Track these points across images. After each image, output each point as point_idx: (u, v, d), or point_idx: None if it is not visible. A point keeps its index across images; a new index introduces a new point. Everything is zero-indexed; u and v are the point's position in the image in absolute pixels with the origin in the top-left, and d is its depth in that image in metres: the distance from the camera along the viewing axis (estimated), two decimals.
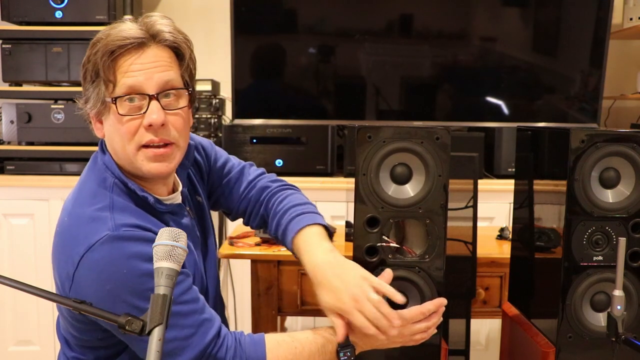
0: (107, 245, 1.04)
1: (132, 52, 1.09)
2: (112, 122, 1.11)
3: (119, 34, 1.08)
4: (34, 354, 2.58)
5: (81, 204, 1.11)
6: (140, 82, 1.09)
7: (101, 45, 1.08)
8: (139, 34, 1.09)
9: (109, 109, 1.11)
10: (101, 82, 1.09)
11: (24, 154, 2.58)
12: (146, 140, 1.10)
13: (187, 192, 1.29)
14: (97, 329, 1.12)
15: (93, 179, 1.15)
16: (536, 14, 2.74)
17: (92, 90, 1.11)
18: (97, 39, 1.10)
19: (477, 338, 2.58)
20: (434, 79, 2.74)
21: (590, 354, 1.26)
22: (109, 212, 1.08)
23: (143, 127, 1.10)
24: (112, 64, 1.08)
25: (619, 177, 1.24)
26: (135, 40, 1.08)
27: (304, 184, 2.52)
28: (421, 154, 1.21)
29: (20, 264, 2.54)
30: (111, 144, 1.15)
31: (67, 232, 1.10)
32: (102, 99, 1.10)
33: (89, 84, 1.12)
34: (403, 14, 2.70)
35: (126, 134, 1.10)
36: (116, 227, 1.05)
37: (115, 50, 1.07)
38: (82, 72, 1.13)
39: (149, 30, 1.11)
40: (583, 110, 2.72)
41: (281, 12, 2.70)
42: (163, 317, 0.86)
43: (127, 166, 1.15)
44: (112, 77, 1.09)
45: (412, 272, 1.24)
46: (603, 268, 1.25)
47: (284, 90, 2.75)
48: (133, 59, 1.09)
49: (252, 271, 1.77)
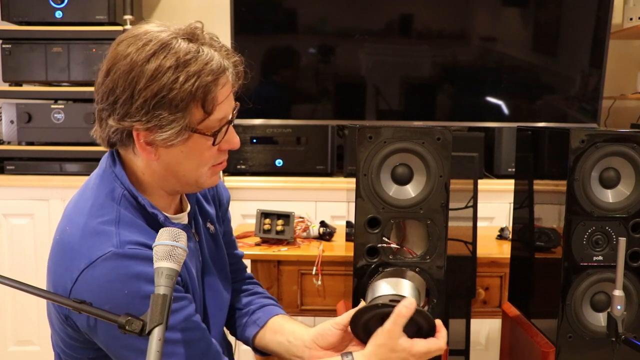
0: (110, 262, 0.98)
1: (225, 79, 1.06)
2: (192, 149, 1.06)
3: (213, 64, 1.03)
4: (34, 354, 2.58)
5: (86, 214, 1.05)
6: (229, 111, 1.08)
7: (194, 75, 1.00)
8: (222, 62, 1.05)
9: (188, 137, 1.04)
10: (190, 112, 1.02)
11: (24, 154, 2.58)
12: (223, 159, 1.12)
13: (196, 215, 1.25)
14: (89, 348, 1.08)
15: (101, 188, 1.09)
16: (536, 14, 2.74)
17: (173, 119, 1.01)
18: (181, 64, 1.00)
19: (477, 338, 2.58)
20: (434, 79, 2.74)
21: (590, 354, 1.26)
22: (115, 226, 1.03)
23: (221, 150, 1.10)
24: (214, 95, 1.03)
25: (619, 177, 1.24)
26: (225, 69, 1.06)
27: (304, 184, 2.55)
28: (422, 154, 1.21)
29: (20, 264, 2.53)
30: (173, 167, 1.08)
31: (67, 243, 1.04)
32: (192, 129, 1.03)
33: (165, 112, 1.00)
34: (403, 14, 2.70)
35: (208, 159, 1.09)
36: (121, 244, 1.00)
37: (217, 80, 1.03)
38: (154, 98, 0.99)
39: (219, 51, 1.07)
40: (583, 110, 2.72)
41: (281, 12, 2.70)
42: (163, 317, 0.86)
43: (176, 185, 1.11)
44: (210, 109, 1.03)
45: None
46: (603, 268, 1.25)
47: (284, 90, 2.75)
48: (227, 87, 1.07)
49: (252, 271, 1.77)
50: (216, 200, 1.35)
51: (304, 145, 2.58)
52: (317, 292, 1.75)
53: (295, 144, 2.58)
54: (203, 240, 1.25)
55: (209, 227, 1.29)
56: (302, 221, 1.88)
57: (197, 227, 1.24)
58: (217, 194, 1.36)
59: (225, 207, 1.39)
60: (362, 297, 1.24)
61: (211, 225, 1.29)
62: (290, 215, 1.78)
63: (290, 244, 1.79)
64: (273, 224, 1.79)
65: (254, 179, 2.55)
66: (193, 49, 1.02)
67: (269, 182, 2.53)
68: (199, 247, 1.23)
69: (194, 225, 1.23)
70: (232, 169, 2.55)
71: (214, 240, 1.29)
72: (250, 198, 2.50)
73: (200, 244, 1.24)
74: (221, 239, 1.32)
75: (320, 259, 1.70)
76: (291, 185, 2.52)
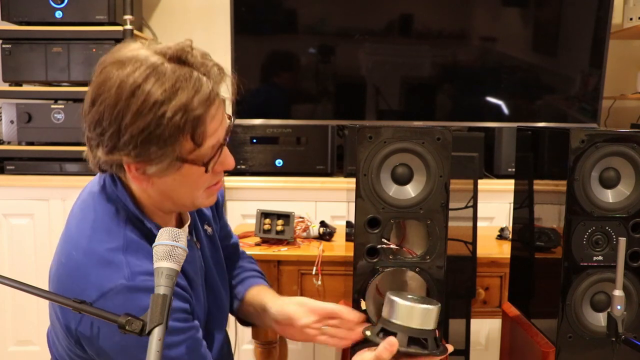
0: (122, 295, 0.98)
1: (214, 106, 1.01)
2: (185, 177, 1.04)
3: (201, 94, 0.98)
4: (34, 354, 2.59)
5: (91, 239, 1.04)
6: (221, 135, 1.05)
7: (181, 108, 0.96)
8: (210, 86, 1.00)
9: (180, 167, 1.02)
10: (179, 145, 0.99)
11: (24, 154, 2.58)
12: (217, 180, 1.11)
13: (195, 223, 1.25)
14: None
15: (105, 210, 1.07)
16: (536, 14, 2.74)
17: (162, 152, 0.98)
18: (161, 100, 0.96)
19: (477, 338, 2.58)
20: (434, 79, 2.74)
21: (590, 354, 1.26)
22: (123, 254, 1.02)
23: (215, 171, 1.08)
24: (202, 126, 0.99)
25: (619, 177, 1.24)
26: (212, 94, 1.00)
27: (304, 184, 2.55)
28: (422, 154, 1.21)
29: (20, 264, 2.53)
30: (167, 193, 1.07)
31: (75, 270, 1.02)
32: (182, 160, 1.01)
33: (153, 146, 0.97)
34: (403, 14, 2.70)
35: (203, 183, 1.07)
36: (132, 276, 0.99)
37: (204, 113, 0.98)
38: (141, 135, 0.96)
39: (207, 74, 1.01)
40: (583, 110, 2.72)
41: (281, 12, 2.70)
42: (163, 317, 0.86)
43: (172, 207, 1.11)
44: (200, 141, 1.00)
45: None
46: (603, 268, 1.25)
47: (284, 90, 2.75)
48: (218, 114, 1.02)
49: None
50: None
51: (304, 145, 2.58)
52: (317, 292, 1.75)
53: (295, 144, 2.58)
54: (204, 246, 1.26)
55: (207, 229, 1.29)
56: (302, 221, 1.88)
57: (197, 234, 1.25)
58: None
59: (220, 203, 1.39)
60: (362, 298, 1.24)
61: (208, 227, 1.30)
62: (290, 215, 1.78)
63: (290, 244, 1.79)
64: (273, 224, 1.79)
65: (254, 179, 2.55)
66: (181, 77, 0.97)
67: (269, 182, 2.53)
68: (201, 254, 1.23)
69: (195, 234, 1.24)
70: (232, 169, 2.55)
71: (212, 242, 1.30)
72: (250, 198, 2.50)
73: (202, 250, 1.25)
74: (217, 238, 1.33)
75: (320, 259, 1.70)
76: (291, 185, 2.52)
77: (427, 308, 1.14)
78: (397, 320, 1.14)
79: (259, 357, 1.84)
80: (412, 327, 1.13)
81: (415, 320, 1.13)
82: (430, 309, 1.14)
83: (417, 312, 1.14)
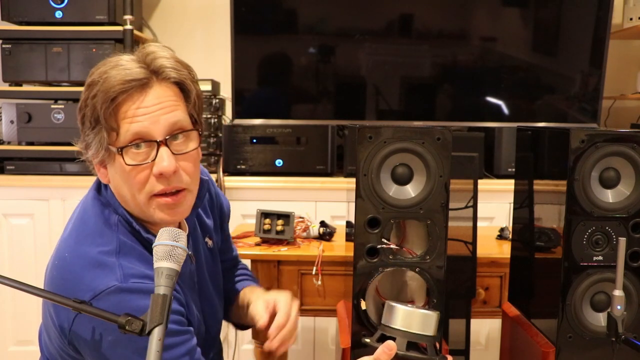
0: (114, 296, 0.98)
1: (134, 95, 1.01)
2: (118, 171, 1.04)
3: (118, 77, 1.00)
4: (34, 354, 2.58)
5: (84, 242, 1.05)
6: (147, 128, 1.01)
7: (100, 89, 1.00)
8: (140, 75, 1.01)
9: (114, 157, 1.03)
10: (102, 130, 1.02)
11: (24, 154, 2.58)
12: (158, 189, 1.04)
13: (195, 235, 1.23)
14: None
15: (98, 214, 1.08)
16: (536, 14, 2.74)
17: (93, 136, 1.03)
18: (94, 81, 1.02)
19: (477, 338, 2.58)
20: (434, 79, 2.74)
21: (590, 354, 1.26)
22: (115, 257, 1.03)
23: (153, 176, 1.03)
24: (114, 111, 1.00)
25: (619, 177, 1.24)
26: (137, 82, 1.01)
27: (304, 184, 2.55)
28: (422, 154, 1.21)
29: (20, 264, 2.53)
30: (119, 191, 1.08)
31: (69, 272, 1.03)
32: (105, 146, 1.03)
33: (88, 130, 1.04)
34: (403, 14, 2.70)
35: (136, 184, 1.03)
36: (125, 278, 1.00)
37: (116, 96, 1.00)
38: (80, 116, 1.05)
39: (149, 66, 1.03)
40: (583, 110, 2.72)
41: (281, 12, 2.70)
42: (163, 317, 0.86)
43: (137, 213, 1.09)
44: (115, 125, 1.01)
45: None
46: (603, 268, 1.25)
47: (283, 90, 2.75)
48: (137, 103, 1.01)
49: (252, 271, 1.77)
50: (215, 210, 1.36)
51: (304, 145, 2.57)
52: (317, 292, 1.75)
53: (295, 144, 2.58)
54: (202, 259, 1.25)
55: (207, 241, 1.29)
56: (302, 221, 1.88)
57: (195, 247, 1.23)
58: (217, 203, 1.36)
59: (226, 215, 1.39)
60: (362, 298, 1.24)
61: (209, 240, 1.30)
62: (290, 215, 1.78)
63: (290, 244, 1.79)
64: (273, 224, 1.79)
65: (254, 179, 2.55)
66: (106, 65, 1.03)
67: (269, 182, 2.53)
68: (196, 268, 1.22)
69: (193, 247, 1.21)
70: (232, 169, 2.55)
71: (211, 255, 1.30)
72: (250, 198, 2.50)
73: (198, 264, 1.24)
74: (217, 252, 1.33)
75: (320, 259, 1.70)
76: (291, 185, 2.52)
77: (426, 313, 1.15)
78: (396, 325, 1.15)
79: (259, 357, 1.84)
80: (411, 331, 1.14)
81: (414, 325, 1.14)
82: (429, 314, 1.15)
83: (417, 316, 1.15)
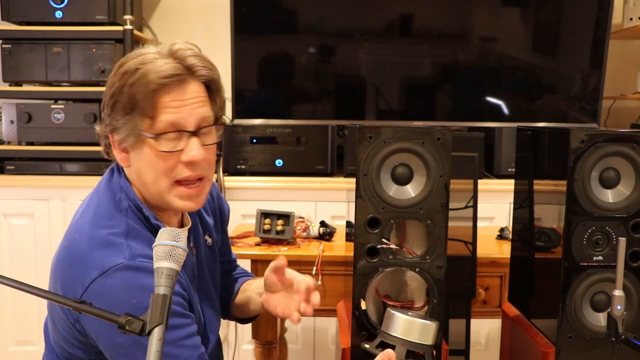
0: (122, 273, 1.03)
1: (174, 88, 1.08)
2: (146, 156, 1.10)
3: (158, 70, 1.07)
4: (34, 354, 2.58)
5: (95, 224, 1.10)
6: (183, 119, 1.09)
7: (139, 78, 1.06)
8: (178, 70, 1.08)
9: (143, 142, 1.09)
10: (136, 116, 1.08)
11: (24, 154, 2.58)
12: (184, 175, 1.11)
13: (196, 230, 1.27)
14: (91, 350, 1.10)
15: (109, 199, 1.14)
16: (536, 14, 2.74)
17: (125, 122, 1.09)
18: (129, 71, 1.08)
19: (477, 338, 2.58)
20: (434, 79, 2.74)
21: (590, 354, 1.26)
22: (124, 238, 1.08)
23: (180, 163, 1.10)
24: (154, 100, 1.07)
25: (619, 177, 1.24)
26: (176, 77, 1.08)
27: (304, 184, 2.55)
28: (422, 154, 1.21)
29: (20, 264, 2.53)
30: (140, 175, 1.13)
31: (78, 251, 1.07)
32: (138, 133, 1.08)
33: (119, 115, 1.09)
34: (403, 14, 2.70)
35: (163, 170, 1.10)
36: (132, 257, 1.05)
37: (158, 89, 1.07)
38: (110, 102, 1.10)
39: (183, 63, 1.10)
40: (583, 110, 2.72)
41: (281, 12, 2.70)
42: (163, 317, 0.86)
43: (152, 197, 1.14)
44: (152, 114, 1.08)
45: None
46: (603, 268, 1.25)
47: (283, 90, 2.75)
48: (174, 95, 1.08)
49: (252, 271, 1.77)
50: (216, 212, 1.40)
51: (304, 145, 2.57)
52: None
53: (295, 144, 2.58)
54: (202, 254, 1.29)
55: (207, 239, 1.33)
56: (302, 221, 1.88)
57: (196, 241, 1.27)
58: (218, 205, 1.41)
59: (226, 217, 1.44)
60: (362, 298, 1.25)
61: (209, 238, 1.33)
62: (290, 215, 1.78)
63: (290, 244, 1.79)
64: (273, 224, 1.79)
65: (254, 179, 2.55)
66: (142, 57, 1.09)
67: (269, 182, 2.53)
68: (196, 262, 1.26)
69: (194, 240, 1.26)
70: (232, 169, 2.55)
71: (211, 253, 1.34)
72: (250, 198, 2.50)
73: (199, 258, 1.27)
74: (217, 250, 1.36)
75: (320, 259, 1.70)
76: (291, 185, 2.52)
77: (425, 322, 1.18)
78: (396, 333, 1.17)
79: (259, 357, 1.84)
80: (410, 340, 1.16)
81: (414, 334, 1.17)
82: (428, 324, 1.18)
83: (416, 325, 1.17)
